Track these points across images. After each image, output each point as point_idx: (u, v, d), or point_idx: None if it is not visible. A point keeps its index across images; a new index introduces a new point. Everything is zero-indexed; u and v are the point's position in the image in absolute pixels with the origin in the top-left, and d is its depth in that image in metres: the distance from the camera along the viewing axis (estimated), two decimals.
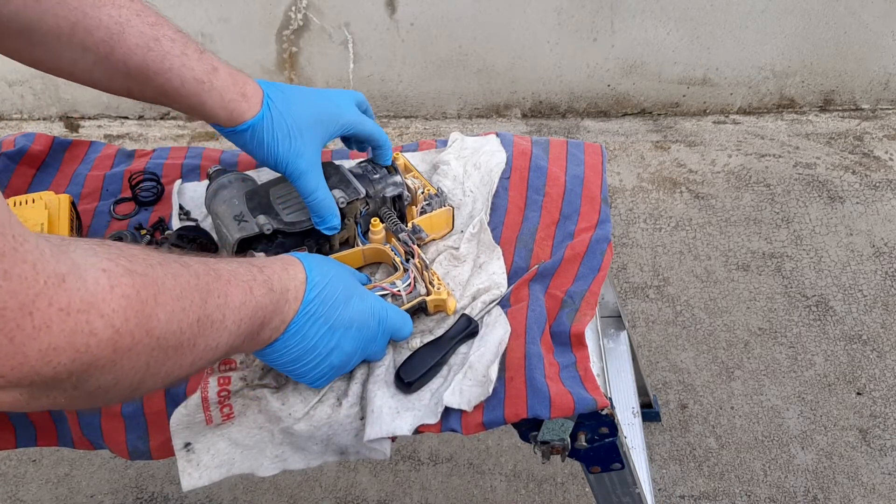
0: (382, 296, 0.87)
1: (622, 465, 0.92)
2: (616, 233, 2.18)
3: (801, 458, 1.69)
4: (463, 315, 0.89)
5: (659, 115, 2.66)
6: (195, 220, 1.05)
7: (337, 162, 1.02)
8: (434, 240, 1.00)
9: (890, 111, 2.64)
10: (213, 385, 0.84)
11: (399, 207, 0.99)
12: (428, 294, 0.90)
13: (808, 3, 2.39)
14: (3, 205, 0.43)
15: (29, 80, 2.55)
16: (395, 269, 0.93)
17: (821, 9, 2.40)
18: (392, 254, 0.94)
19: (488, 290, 0.93)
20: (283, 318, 0.71)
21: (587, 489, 1.64)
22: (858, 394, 1.80)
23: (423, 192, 1.00)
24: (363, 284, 0.86)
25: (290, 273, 0.72)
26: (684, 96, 2.61)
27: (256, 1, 2.38)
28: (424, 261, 0.93)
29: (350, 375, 0.86)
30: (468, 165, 1.11)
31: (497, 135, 1.17)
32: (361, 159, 1.02)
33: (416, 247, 0.93)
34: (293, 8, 2.41)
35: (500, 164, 1.11)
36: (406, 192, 0.98)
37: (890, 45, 2.49)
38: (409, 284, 0.89)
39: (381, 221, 0.96)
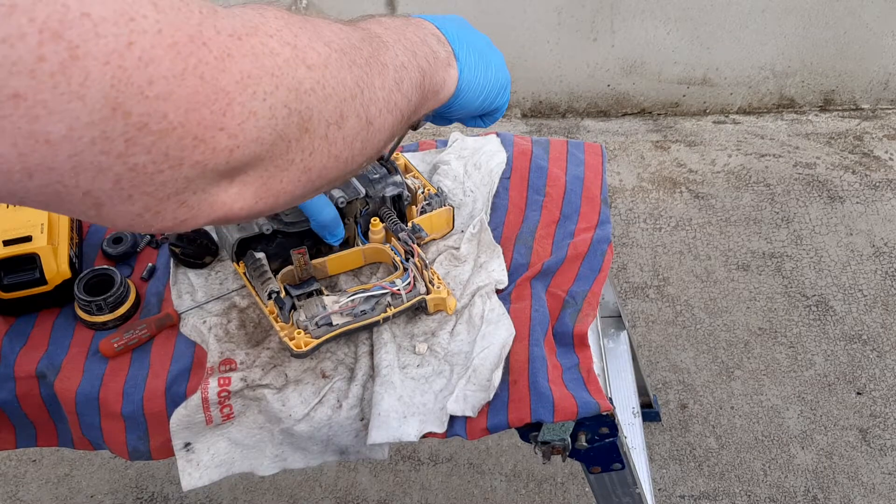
0: (381, 295, 0.87)
1: (622, 465, 0.92)
2: (616, 233, 2.18)
3: (801, 457, 1.69)
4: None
5: (659, 114, 2.66)
6: None
7: None
8: (434, 239, 1.00)
9: (890, 111, 2.63)
10: (213, 385, 0.84)
11: (399, 207, 0.99)
12: (428, 293, 0.90)
13: (808, 3, 2.39)
14: None
15: None
16: (395, 269, 0.93)
17: (821, 9, 2.40)
18: (392, 253, 0.94)
19: (488, 287, 0.94)
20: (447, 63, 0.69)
21: (587, 489, 1.64)
22: (858, 394, 1.80)
23: (423, 192, 1.00)
24: None
25: (422, 27, 0.70)
26: (684, 96, 2.61)
27: (255, 1, 2.38)
28: (424, 260, 0.93)
29: (351, 376, 0.86)
30: (468, 165, 1.11)
31: (497, 135, 1.17)
32: None
33: (415, 246, 0.93)
34: (292, 8, 2.41)
35: (500, 165, 1.11)
36: (406, 192, 0.98)
37: (890, 45, 2.49)
38: (409, 283, 0.88)
39: (381, 221, 0.97)
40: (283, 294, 0.86)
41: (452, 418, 0.82)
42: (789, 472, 1.67)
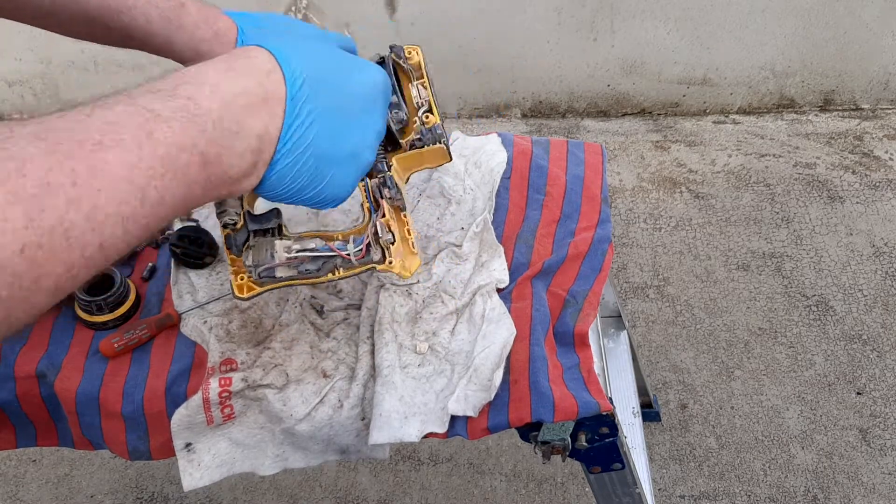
0: (329, 257, 0.76)
1: (622, 464, 0.92)
2: (616, 233, 2.18)
3: (801, 457, 1.69)
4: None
5: (659, 114, 2.66)
6: (195, 221, 1.05)
7: None
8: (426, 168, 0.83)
9: (890, 111, 2.63)
10: (214, 386, 0.84)
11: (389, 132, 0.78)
12: (382, 261, 0.76)
13: (808, 3, 2.39)
14: None
15: (29, 80, 2.55)
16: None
17: (821, 9, 2.40)
18: (363, 194, 0.79)
19: (489, 286, 0.93)
20: (261, 135, 0.51)
21: (587, 489, 1.64)
22: (858, 393, 1.80)
23: (421, 117, 0.79)
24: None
25: (241, 69, 0.51)
26: (684, 96, 2.61)
27: (256, 1, 2.38)
28: (392, 213, 0.77)
29: (352, 376, 0.86)
30: (469, 164, 1.11)
31: (498, 135, 1.17)
32: None
33: (383, 200, 0.77)
34: (293, 8, 2.41)
35: (500, 164, 1.11)
36: (401, 114, 0.77)
37: (890, 45, 2.49)
38: (361, 250, 0.76)
39: None
40: (240, 224, 0.76)
41: (453, 418, 0.82)
42: (789, 472, 1.67)
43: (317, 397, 0.84)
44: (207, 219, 1.04)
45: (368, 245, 0.76)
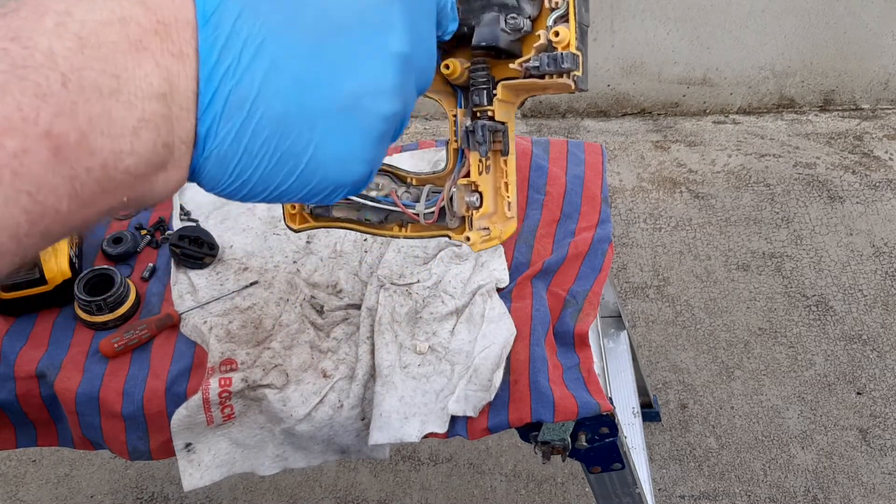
0: (388, 209, 0.58)
1: (622, 464, 0.92)
2: (616, 233, 2.18)
3: (801, 457, 1.69)
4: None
5: (659, 115, 2.66)
6: (195, 221, 1.05)
7: None
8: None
9: (890, 111, 2.63)
10: (214, 386, 0.84)
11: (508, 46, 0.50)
12: (461, 226, 0.56)
13: (808, 3, 2.39)
14: None
15: None
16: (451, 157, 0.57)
17: (821, 9, 2.40)
18: (452, 129, 0.56)
19: (489, 286, 0.93)
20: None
21: (587, 489, 1.63)
22: (858, 394, 1.80)
23: (551, 31, 0.48)
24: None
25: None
26: (684, 96, 2.61)
27: None
28: (481, 166, 0.55)
29: (352, 375, 0.86)
30: None
31: None
32: None
33: (469, 153, 0.54)
34: None
35: None
36: (520, 20, 0.49)
37: (890, 45, 2.49)
38: (433, 213, 0.56)
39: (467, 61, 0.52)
40: None
41: (453, 418, 0.82)
42: (789, 472, 1.67)
43: (317, 397, 0.84)
44: (208, 219, 1.04)
45: (443, 208, 0.56)
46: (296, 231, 0.62)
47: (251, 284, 0.96)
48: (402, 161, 1.11)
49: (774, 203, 2.27)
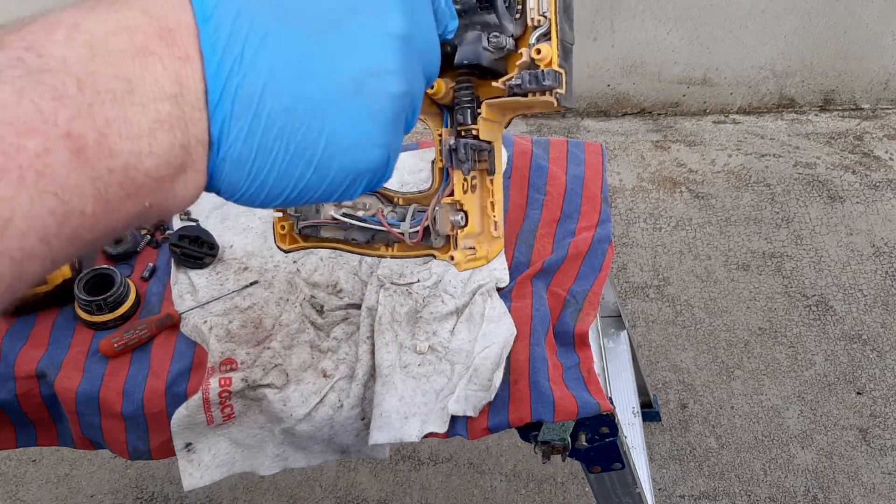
0: (375, 229, 0.59)
1: (623, 464, 0.92)
2: (616, 232, 2.18)
3: (801, 457, 1.69)
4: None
5: (659, 114, 2.66)
6: (195, 220, 1.05)
7: None
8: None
9: (890, 111, 2.63)
10: (214, 386, 0.84)
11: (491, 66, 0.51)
12: (445, 244, 0.56)
13: (808, 3, 2.39)
14: None
15: None
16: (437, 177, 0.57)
17: (821, 8, 2.40)
18: (438, 148, 0.56)
19: (489, 285, 0.93)
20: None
21: (587, 489, 1.63)
22: (858, 393, 1.80)
23: (533, 49, 0.49)
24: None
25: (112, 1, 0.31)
26: (684, 96, 2.61)
27: None
28: (466, 186, 0.54)
29: (352, 375, 0.86)
30: None
31: None
32: None
33: (453, 171, 0.54)
34: None
35: (500, 164, 1.11)
36: (502, 38, 0.49)
37: (890, 45, 2.49)
38: (418, 232, 0.56)
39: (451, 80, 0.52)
40: None
41: (453, 418, 0.82)
42: (789, 472, 1.67)
43: (317, 397, 0.84)
44: (208, 218, 1.04)
45: (427, 227, 0.56)
46: (286, 252, 0.63)
47: (251, 284, 0.96)
48: (403, 160, 1.11)
49: (774, 203, 2.27)
